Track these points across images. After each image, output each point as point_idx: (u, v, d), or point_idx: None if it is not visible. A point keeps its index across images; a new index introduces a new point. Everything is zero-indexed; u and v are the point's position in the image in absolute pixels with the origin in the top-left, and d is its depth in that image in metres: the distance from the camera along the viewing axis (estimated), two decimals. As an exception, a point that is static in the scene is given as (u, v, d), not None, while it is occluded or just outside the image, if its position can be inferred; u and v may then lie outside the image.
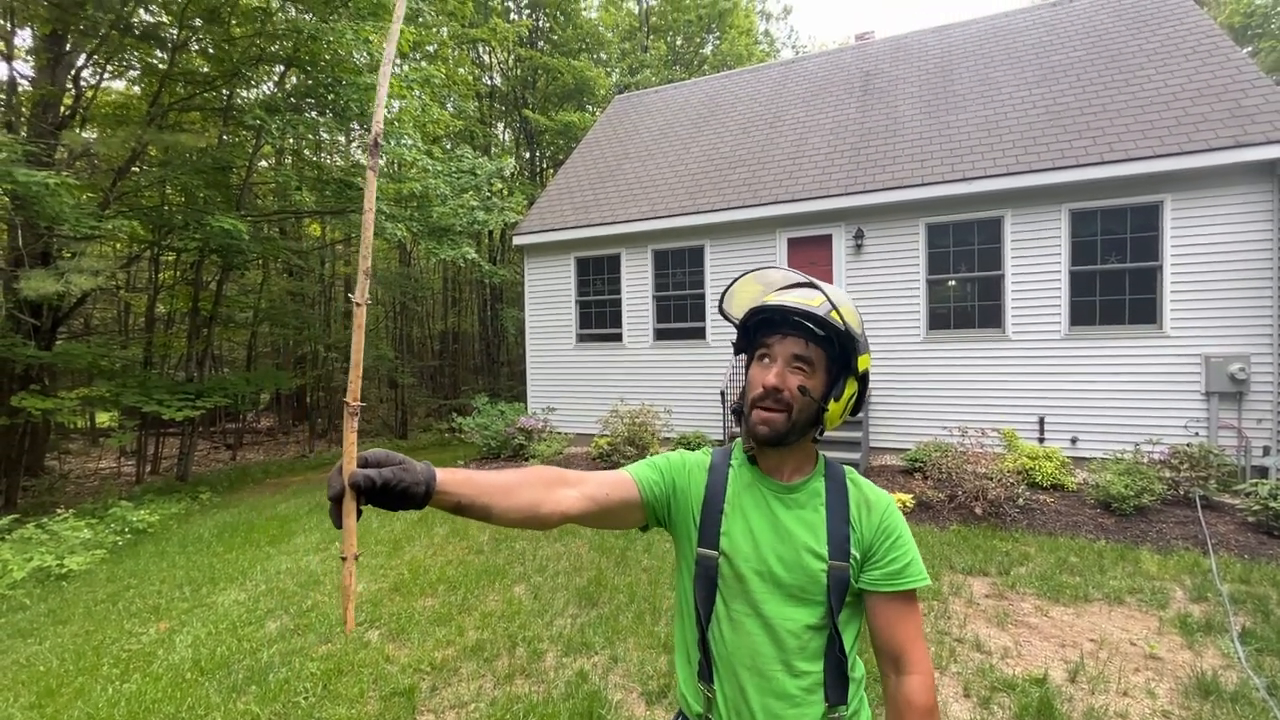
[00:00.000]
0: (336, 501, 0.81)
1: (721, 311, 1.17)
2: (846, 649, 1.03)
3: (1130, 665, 3.05)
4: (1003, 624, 3.51)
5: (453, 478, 0.89)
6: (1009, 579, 4.09)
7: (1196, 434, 6.01)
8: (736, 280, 1.16)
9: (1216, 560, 4.26)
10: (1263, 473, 5.67)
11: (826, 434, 1.08)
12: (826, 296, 1.00)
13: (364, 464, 0.83)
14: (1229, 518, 5.02)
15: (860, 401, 1.10)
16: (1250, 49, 18.84)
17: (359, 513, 0.82)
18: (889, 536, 1.05)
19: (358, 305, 0.84)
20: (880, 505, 1.08)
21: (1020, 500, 5.42)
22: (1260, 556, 4.34)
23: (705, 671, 1.08)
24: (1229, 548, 4.52)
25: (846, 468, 1.13)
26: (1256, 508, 4.78)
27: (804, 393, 1.02)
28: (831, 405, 1.05)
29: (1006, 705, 2.75)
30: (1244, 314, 5.93)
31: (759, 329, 1.09)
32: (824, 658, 1.03)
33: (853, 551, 1.03)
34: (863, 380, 1.08)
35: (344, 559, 0.83)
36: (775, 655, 1.03)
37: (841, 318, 0.99)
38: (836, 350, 1.04)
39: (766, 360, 1.06)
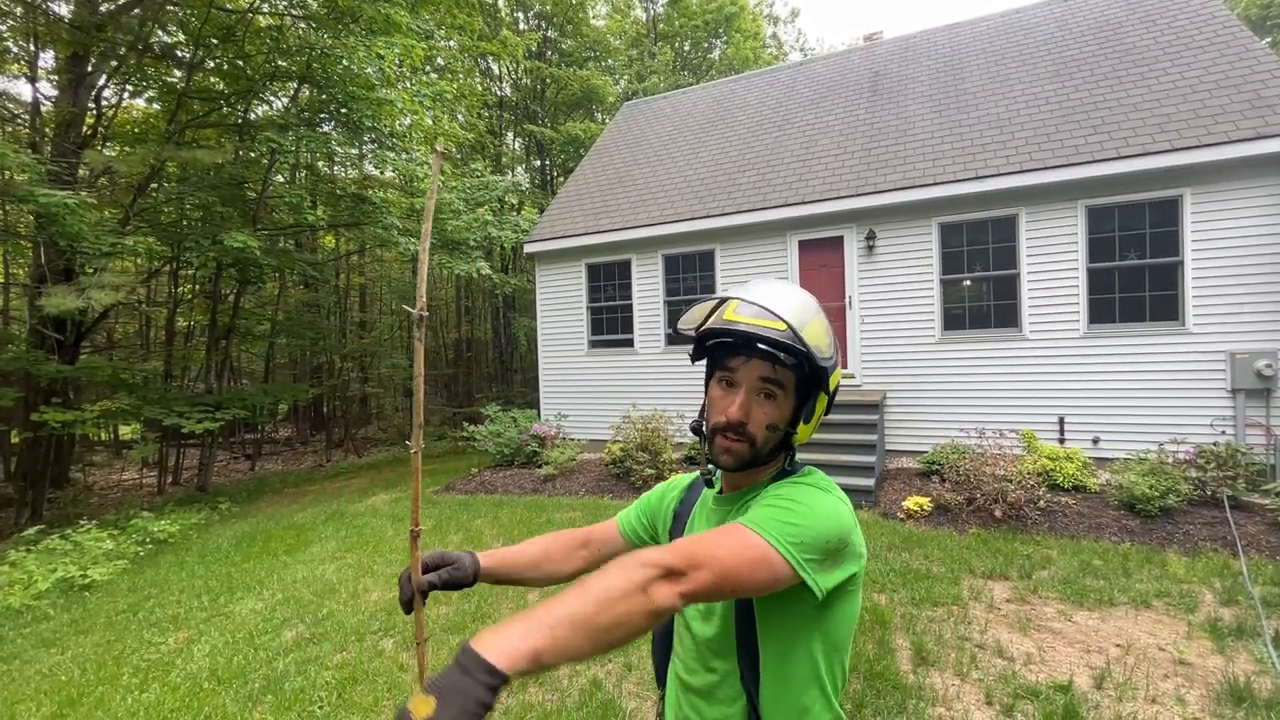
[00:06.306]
0: (407, 605, 1.03)
1: (676, 331, 1.11)
2: (759, 683, 0.93)
3: (1159, 671, 2.97)
4: (1025, 629, 3.43)
5: (492, 562, 1.12)
6: (1031, 583, 4.01)
7: (1223, 432, 5.86)
8: (695, 308, 1.05)
9: (1247, 562, 4.14)
10: (1293, 471, 5.52)
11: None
12: (788, 324, 0.89)
13: (424, 568, 1.06)
14: (1259, 518, 4.88)
15: (828, 409, 1.04)
16: (1270, 39, 18.49)
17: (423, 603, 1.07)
18: (762, 498, 0.91)
19: (414, 452, 1.04)
20: (777, 484, 0.95)
21: (1041, 502, 5.31)
22: (1293, 558, 4.21)
23: (659, 678, 1.19)
24: (1259, 549, 4.39)
25: (808, 468, 1.01)
26: (1288, 508, 4.64)
27: (772, 429, 0.96)
28: (801, 427, 0.98)
29: (1030, 713, 2.68)
30: (1270, 309, 5.78)
31: (718, 349, 1.00)
32: (742, 690, 0.95)
33: None
34: (831, 394, 1.01)
35: (418, 644, 1.08)
36: (702, 675, 1.00)
37: (804, 343, 0.89)
38: (807, 370, 0.95)
39: (728, 384, 0.98)
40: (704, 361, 1.05)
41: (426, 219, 1.07)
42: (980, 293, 7.06)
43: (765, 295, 0.93)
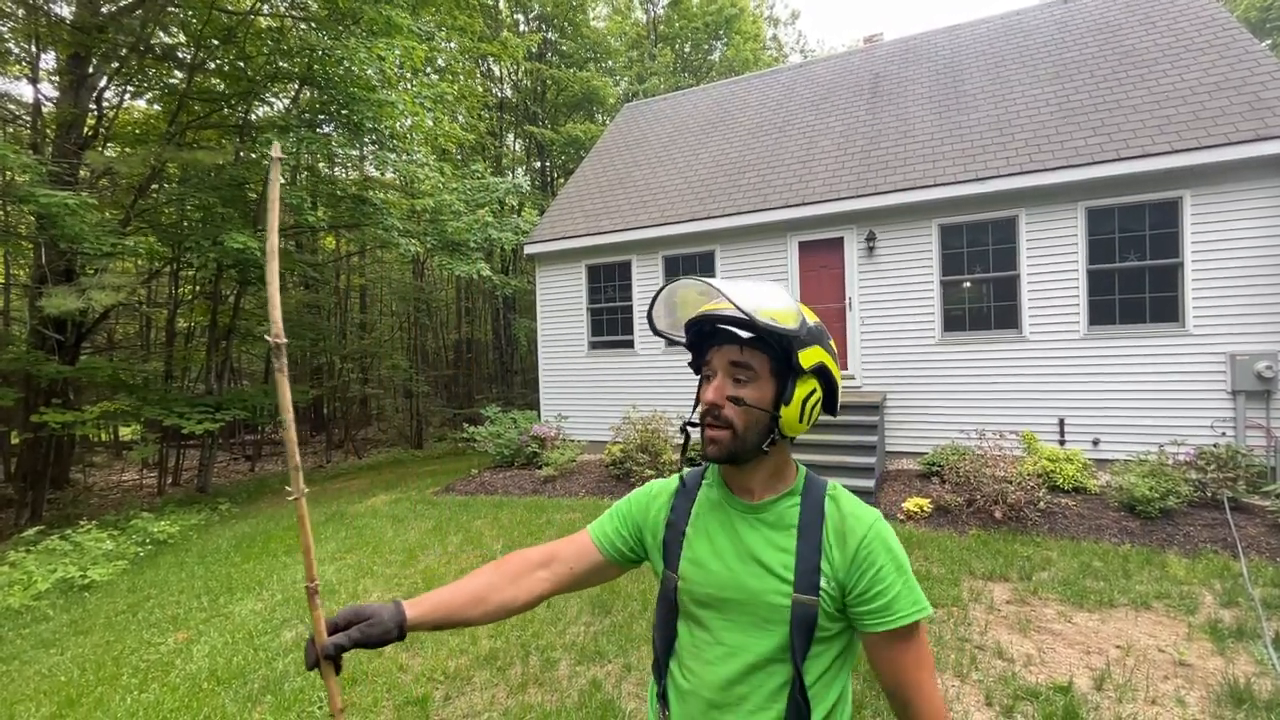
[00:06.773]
0: (314, 669, 0.93)
1: (654, 330, 1.06)
2: (809, 694, 0.93)
3: (1159, 673, 2.96)
4: (1025, 630, 3.43)
5: (421, 609, 0.98)
6: (1031, 584, 4.01)
7: (1223, 434, 5.86)
8: (657, 298, 1.04)
9: (1247, 563, 4.13)
10: (1293, 473, 5.51)
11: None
12: (730, 299, 0.89)
13: (334, 628, 0.93)
14: (1259, 520, 4.88)
15: (831, 401, 1.01)
16: (1270, 42, 18.51)
17: (337, 668, 0.94)
18: (869, 568, 0.92)
19: (294, 499, 0.93)
20: (858, 532, 0.94)
21: (1041, 504, 5.31)
22: (1293, 559, 4.21)
23: (662, 695, 1.07)
24: (1260, 551, 4.39)
25: (831, 483, 1.02)
26: (1288, 509, 4.64)
27: (737, 403, 0.94)
28: (784, 411, 0.94)
29: (1030, 714, 2.68)
30: (1270, 311, 5.78)
31: (699, 341, 1.02)
32: (786, 700, 0.93)
33: (824, 586, 0.93)
34: (822, 376, 0.97)
35: (332, 716, 0.96)
36: (732, 687, 0.96)
37: (744, 310, 0.88)
38: (778, 351, 0.94)
39: (709, 374, 0.99)
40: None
41: (270, 232, 0.91)
42: (980, 294, 7.06)
43: (720, 285, 0.93)
